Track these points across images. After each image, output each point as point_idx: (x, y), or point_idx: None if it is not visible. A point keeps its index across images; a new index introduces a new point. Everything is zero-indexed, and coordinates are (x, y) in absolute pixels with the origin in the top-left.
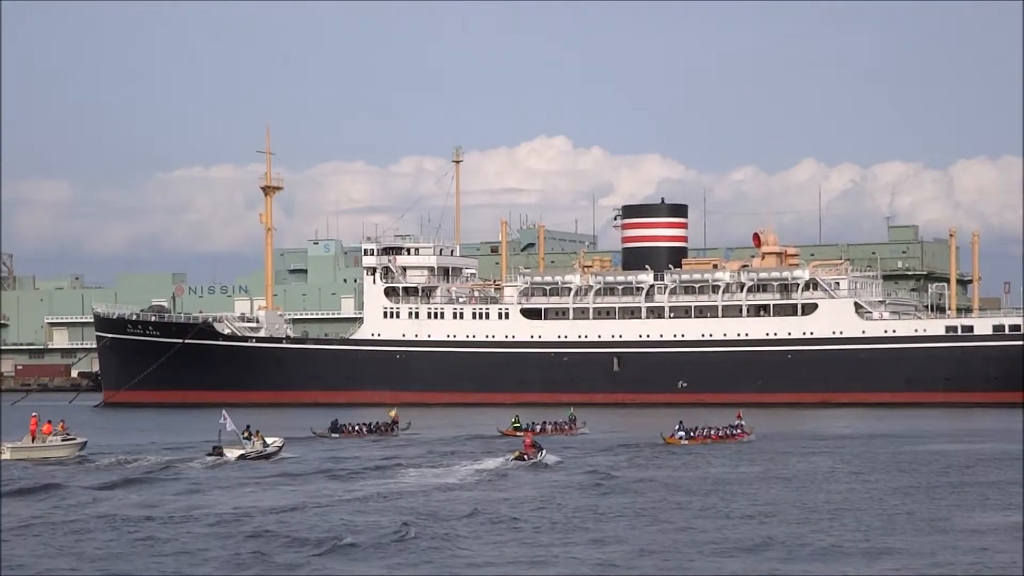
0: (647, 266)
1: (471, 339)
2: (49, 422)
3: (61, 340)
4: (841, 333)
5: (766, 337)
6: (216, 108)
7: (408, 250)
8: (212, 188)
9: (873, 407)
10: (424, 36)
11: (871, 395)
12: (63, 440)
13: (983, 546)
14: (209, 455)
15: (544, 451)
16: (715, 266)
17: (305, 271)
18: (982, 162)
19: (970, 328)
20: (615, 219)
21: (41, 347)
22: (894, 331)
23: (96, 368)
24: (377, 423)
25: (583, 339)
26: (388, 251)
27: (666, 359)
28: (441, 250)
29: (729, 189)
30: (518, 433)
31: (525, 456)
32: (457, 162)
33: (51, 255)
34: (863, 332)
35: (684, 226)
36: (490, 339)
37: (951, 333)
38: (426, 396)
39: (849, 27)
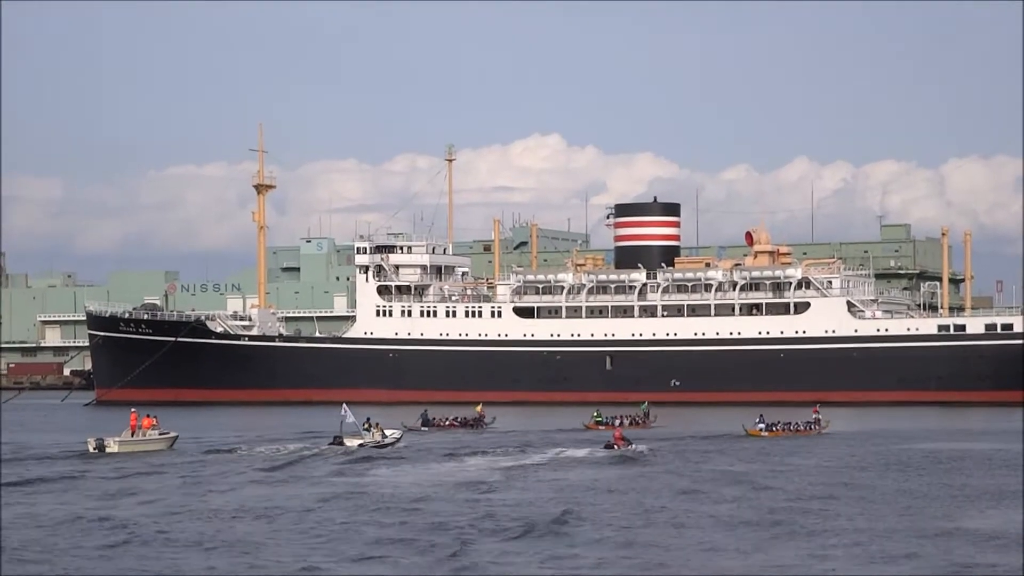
0: (640, 265)
1: (464, 338)
2: (148, 416)
3: (53, 338)
4: (833, 332)
5: (758, 336)
6: (208, 106)
7: (401, 248)
8: (204, 186)
9: (865, 406)
10: (417, 34)
11: (863, 394)
12: (160, 435)
13: None
14: (331, 444)
15: (634, 444)
16: (708, 265)
17: (298, 269)
18: (974, 161)
19: (962, 327)
20: (607, 217)
21: (33, 345)
22: (886, 330)
23: (88, 366)
24: (465, 417)
25: (576, 338)
26: (381, 249)
27: (659, 358)
28: (434, 248)
29: (721, 188)
30: (599, 427)
31: (615, 447)
32: (450, 160)
33: (43, 253)
34: (855, 331)
35: (677, 225)
36: (483, 338)
37: (943, 332)
38: (419, 395)
39: (842, 26)
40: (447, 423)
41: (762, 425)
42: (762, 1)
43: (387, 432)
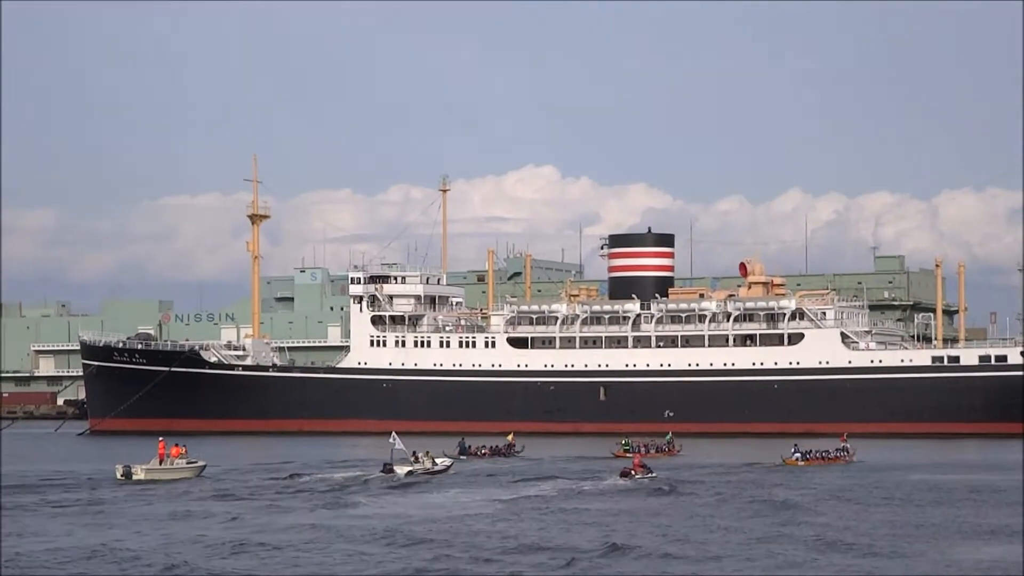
0: (633, 295)
1: (458, 368)
2: (176, 445)
3: (47, 368)
4: (827, 363)
5: (752, 367)
6: (203, 136)
7: (395, 278)
8: (198, 216)
9: (859, 438)
10: (412, 65)
11: (857, 425)
12: (187, 463)
13: None
14: (381, 471)
15: (654, 473)
16: (701, 296)
17: (292, 299)
18: (967, 193)
19: (956, 358)
20: (601, 248)
21: (27, 375)
22: (880, 361)
23: (82, 396)
24: (497, 446)
25: (570, 368)
26: (375, 279)
27: (653, 388)
28: (428, 279)
29: (715, 219)
30: (627, 454)
31: (632, 473)
32: (444, 191)
33: (37, 282)
34: (849, 362)
35: (670, 255)
36: (477, 368)
37: (937, 363)
38: (413, 425)
39: (835, 57)
40: (482, 452)
41: (798, 455)
42: (754, 33)
43: (437, 460)
